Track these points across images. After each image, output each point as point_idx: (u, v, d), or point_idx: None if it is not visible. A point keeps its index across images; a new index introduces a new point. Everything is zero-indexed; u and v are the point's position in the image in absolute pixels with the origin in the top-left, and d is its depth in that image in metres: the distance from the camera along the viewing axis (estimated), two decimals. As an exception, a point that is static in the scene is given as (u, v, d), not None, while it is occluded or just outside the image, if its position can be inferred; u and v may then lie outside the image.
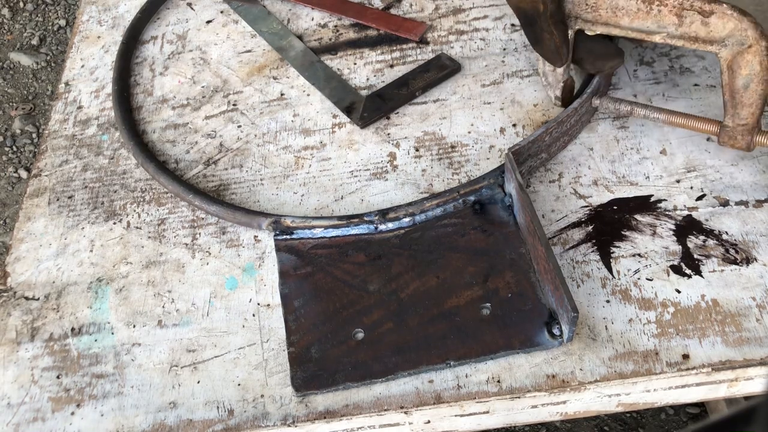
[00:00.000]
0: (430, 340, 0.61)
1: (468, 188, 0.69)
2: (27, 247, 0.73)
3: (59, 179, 0.79)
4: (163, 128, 0.82)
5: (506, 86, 0.80)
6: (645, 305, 0.61)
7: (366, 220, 0.68)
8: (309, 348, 0.61)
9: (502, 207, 0.68)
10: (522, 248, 0.65)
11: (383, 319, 0.62)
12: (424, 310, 0.62)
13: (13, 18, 2.31)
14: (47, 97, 2.12)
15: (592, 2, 0.64)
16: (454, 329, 0.61)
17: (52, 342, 0.66)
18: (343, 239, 0.68)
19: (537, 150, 0.69)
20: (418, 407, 0.58)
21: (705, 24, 0.59)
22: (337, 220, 0.68)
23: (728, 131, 0.63)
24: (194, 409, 0.60)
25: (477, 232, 0.67)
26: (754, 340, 0.58)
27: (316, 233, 0.69)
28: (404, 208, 0.68)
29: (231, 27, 0.93)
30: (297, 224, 0.69)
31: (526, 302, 0.61)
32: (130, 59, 0.90)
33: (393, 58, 0.86)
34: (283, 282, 0.66)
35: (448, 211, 0.69)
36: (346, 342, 0.61)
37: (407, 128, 0.78)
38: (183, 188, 0.73)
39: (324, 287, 0.65)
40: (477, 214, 0.68)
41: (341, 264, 0.66)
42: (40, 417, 0.61)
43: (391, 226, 0.68)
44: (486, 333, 0.60)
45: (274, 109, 0.82)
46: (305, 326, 0.63)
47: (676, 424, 1.31)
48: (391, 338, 0.61)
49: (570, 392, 0.58)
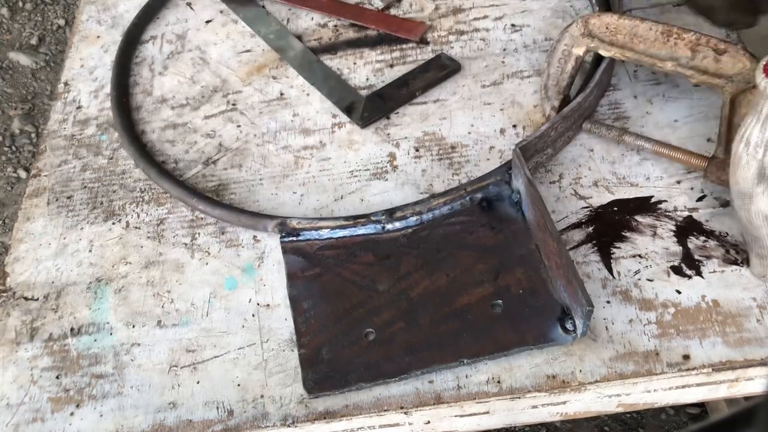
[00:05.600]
0: (442, 338, 0.60)
1: (475, 185, 0.69)
2: (26, 247, 0.73)
3: (58, 179, 0.79)
4: (163, 128, 0.82)
5: (506, 87, 0.80)
6: (645, 306, 0.61)
7: (373, 219, 0.68)
8: (320, 349, 0.61)
9: (509, 204, 0.68)
10: (532, 244, 0.64)
11: (394, 318, 0.62)
12: (435, 309, 0.62)
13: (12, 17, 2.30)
14: (46, 96, 2.11)
15: (612, 27, 0.67)
16: (466, 327, 0.60)
17: (52, 342, 0.66)
18: (350, 240, 0.68)
19: (543, 145, 0.69)
20: (418, 407, 0.58)
21: (717, 60, 0.62)
22: (344, 220, 0.68)
23: (717, 163, 0.64)
24: (194, 409, 0.60)
25: (485, 229, 0.66)
26: (755, 341, 0.58)
27: (323, 234, 0.68)
28: (411, 207, 0.68)
29: (230, 27, 0.93)
30: (303, 225, 0.68)
31: (537, 298, 0.61)
32: (128, 66, 0.89)
33: (393, 58, 0.85)
34: (291, 284, 0.66)
35: (456, 209, 0.68)
36: (357, 342, 0.61)
37: (407, 128, 0.78)
38: (185, 192, 0.73)
39: (333, 288, 0.65)
40: (484, 211, 0.68)
41: (349, 264, 0.66)
42: (40, 417, 0.61)
43: (398, 226, 0.68)
44: (498, 330, 0.60)
45: (273, 109, 0.82)
46: (315, 327, 0.62)
47: (677, 424, 1.31)
48: (402, 338, 0.61)
49: (570, 392, 0.58)
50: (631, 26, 0.66)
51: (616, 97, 0.76)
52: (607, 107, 0.75)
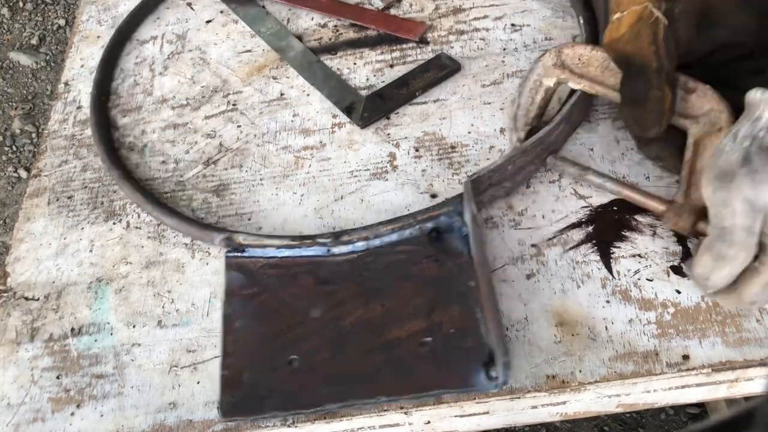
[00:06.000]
0: (364, 372, 0.58)
1: (426, 215, 0.65)
2: (27, 247, 0.73)
3: (59, 179, 0.79)
4: (163, 128, 0.82)
5: (506, 86, 0.80)
6: (645, 306, 0.61)
7: (319, 242, 0.65)
8: (242, 372, 0.59)
9: (459, 236, 0.64)
10: (472, 281, 0.61)
11: (321, 347, 0.60)
12: (364, 341, 0.60)
13: (13, 17, 2.30)
14: (47, 96, 2.11)
15: (585, 58, 0.63)
16: (390, 363, 0.58)
17: (52, 342, 0.66)
18: (294, 260, 0.65)
19: (500, 178, 0.66)
20: (418, 408, 0.58)
21: (684, 99, 0.59)
22: (290, 240, 0.66)
23: (675, 208, 0.61)
24: (194, 409, 0.60)
25: (430, 261, 0.63)
26: (755, 341, 0.58)
27: (267, 252, 0.66)
28: (359, 231, 0.65)
29: (231, 27, 0.93)
30: (249, 242, 0.66)
31: (467, 339, 0.58)
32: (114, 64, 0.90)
33: (393, 58, 0.86)
34: (229, 301, 0.64)
35: (405, 237, 0.65)
36: (280, 369, 0.59)
37: (407, 128, 0.78)
38: (142, 198, 0.72)
39: (268, 309, 0.63)
40: (433, 242, 0.64)
41: (289, 287, 0.64)
42: (40, 417, 0.61)
43: (344, 250, 0.65)
44: (422, 369, 0.57)
45: (273, 109, 0.82)
46: (242, 349, 0.61)
47: (676, 424, 1.31)
48: (325, 368, 0.59)
49: (570, 393, 0.58)
50: (603, 59, 0.63)
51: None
52: (608, 107, 0.75)
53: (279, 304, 0.63)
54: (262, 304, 0.63)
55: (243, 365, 0.60)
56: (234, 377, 0.59)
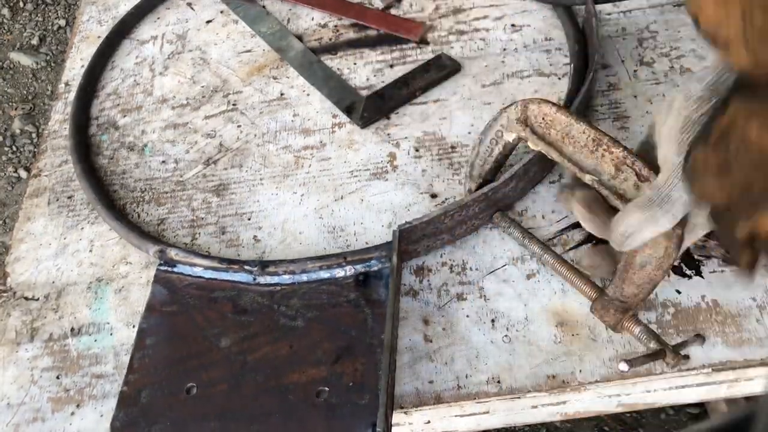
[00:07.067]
0: (255, 413, 0.56)
1: (356, 257, 0.63)
2: (27, 247, 0.73)
3: (59, 179, 0.79)
4: (163, 128, 0.82)
5: (506, 86, 0.80)
6: (645, 306, 0.61)
7: (246, 269, 0.64)
8: (141, 391, 0.58)
9: (384, 284, 0.62)
10: (384, 335, 0.58)
11: (221, 379, 0.58)
12: (263, 380, 0.58)
13: (13, 18, 2.30)
14: (47, 97, 2.11)
15: (549, 119, 0.59)
16: (282, 408, 0.56)
17: (52, 342, 0.66)
18: (219, 284, 0.64)
19: (435, 231, 0.64)
20: (417, 407, 0.58)
21: (636, 187, 0.55)
22: (218, 262, 0.65)
23: (604, 301, 0.58)
24: (194, 409, 0.60)
25: (350, 306, 0.61)
26: (755, 341, 0.58)
27: (195, 271, 0.65)
28: (285, 264, 0.64)
29: (231, 27, 0.93)
30: (180, 258, 0.65)
31: (363, 396, 0.55)
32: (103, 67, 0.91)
33: (393, 58, 0.85)
34: (146, 316, 0.63)
35: (331, 277, 0.63)
36: (177, 394, 0.58)
37: (407, 128, 0.78)
38: (95, 198, 0.73)
39: (180, 331, 0.62)
40: (358, 286, 0.62)
41: (206, 310, 0.63)
42: (40, 417, 0.61)
43: (269, 280, 0.64)
44: (310, 421, 0.55)
45: (273, 109, 0.82)
46: (147, 368, 0.60)
47: (676, 424, 1.31)
48: (220, 401, 0.57)
49: (570, 392, 0.58)
50: (566, 123, 0.59)
51: (616, 96, 0.76)
52: (608, 107, 0.75)
53: (192, 328, 0.62)
54: (176, 324, 0.62)
55: (144, 384, 0.59)
56: (133, 395, 0.58)
